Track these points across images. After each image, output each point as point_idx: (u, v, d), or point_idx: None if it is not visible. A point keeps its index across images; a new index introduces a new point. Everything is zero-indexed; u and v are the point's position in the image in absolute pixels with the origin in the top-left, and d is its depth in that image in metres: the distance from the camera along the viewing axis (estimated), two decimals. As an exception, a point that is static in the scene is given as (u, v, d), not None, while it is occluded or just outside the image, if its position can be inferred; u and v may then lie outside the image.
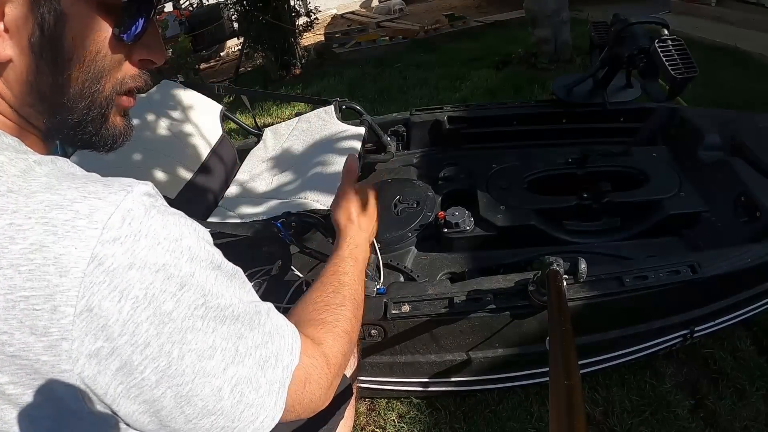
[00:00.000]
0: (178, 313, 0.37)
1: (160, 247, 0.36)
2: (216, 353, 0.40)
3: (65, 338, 0.33)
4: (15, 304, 0.32)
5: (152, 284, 0.36)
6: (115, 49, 0.44)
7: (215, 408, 0.41)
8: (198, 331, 0.39)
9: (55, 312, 0.33)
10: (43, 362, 0.34)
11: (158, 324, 0.36)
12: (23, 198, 0.34)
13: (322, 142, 1.50)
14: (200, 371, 0.39)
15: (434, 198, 1.40)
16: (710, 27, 3.46)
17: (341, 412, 0.75)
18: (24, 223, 0.33)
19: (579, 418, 0.44)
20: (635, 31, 1.41)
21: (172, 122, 1.46)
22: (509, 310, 0.94)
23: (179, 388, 0.39)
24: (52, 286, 0.33)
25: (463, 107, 1.76)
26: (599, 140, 1.59)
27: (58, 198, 0.35)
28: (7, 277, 0.32)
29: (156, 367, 0.37)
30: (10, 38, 0.39)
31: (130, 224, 0.35)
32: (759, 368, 1.10)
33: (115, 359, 0.35)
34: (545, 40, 3.13)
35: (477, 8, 5.98)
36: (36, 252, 0.33)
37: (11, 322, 0.33)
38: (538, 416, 1.07)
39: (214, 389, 0.40)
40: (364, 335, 0.98)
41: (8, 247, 0.33)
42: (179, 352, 0.38)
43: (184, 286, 0.38)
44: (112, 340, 0.35)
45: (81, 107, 0.44)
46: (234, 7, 4.42)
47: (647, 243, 1.24)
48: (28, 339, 0.33)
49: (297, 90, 3.80)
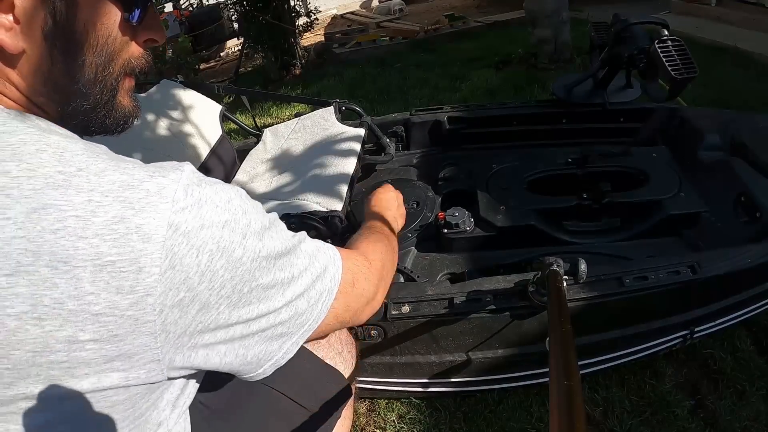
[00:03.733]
0: (246, 257, 0.44)
1: (219, 208, 0.43)
2: (276, 282, 0.48)
3: (150, 294, 0.38)
4: (102, 268, 0.37)
5: (222, 238, 0.42)
6: (123, 31, 0.46)
7: (275, 321, 0.49)
8: (263, 269, 0.46)
9: (141, 273, 0.38)
10: (127, 317, 0.38)
11: (231, 269, 0.43)
12: (95, 177, 0.39)
13: (321, 143, 1.50)
14: (264, 298, 0.47)
15: (434, 198, 1.40)
16: (710, 27, 3.46)
17: (339, 412, 0.75)
18: (102, 200, 0.38)
19: (579, 418, 0.44)
20: (635, 32, 1.41)
21: (172, 122, 1.46)
22: (509, 311, 0.94)
23: (248, 315, 0.46)
24: (137, 251, 0.37)
25: (463, 107, 1.76)
26: (599, 140, 1.59)
27: (128, 178, 0.39)
28: (93, 245, 0.36)
29: (229, 303, 0.44)
30: (22, 30, 0.40)
31: (192, 195, 0.41)
32: (759, 368, 1.10)
33: (196, 304, 0.42)
34: (545, 40, 3.13)
35: (477, 8, 5.98)
36: (118, 223, 0.37)
37: (98, 284, 0.37)
38: (538, 416, 1.07)
39: (275, 310, 0.48)
40: (364, 335, 0.98)
41: (91, 219, 0.37)
42: (249, 288, 0.45)
43: (246, 235, 0.45)
44: (192, 289, 0.41)
45: (95, 92, 0.46)
46: (234, 8, 4.43)
47: (647, 243, 1.23)
48: (114, 298, 0.37)
49: (297, 90, 3.80)
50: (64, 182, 0.37)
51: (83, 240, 0.36)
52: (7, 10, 0.39)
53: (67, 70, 0.44)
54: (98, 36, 0.44)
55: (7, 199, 0.36)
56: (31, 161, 0.38)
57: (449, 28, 4.82)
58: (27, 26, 0.40)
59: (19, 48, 0.41)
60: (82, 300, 0.37)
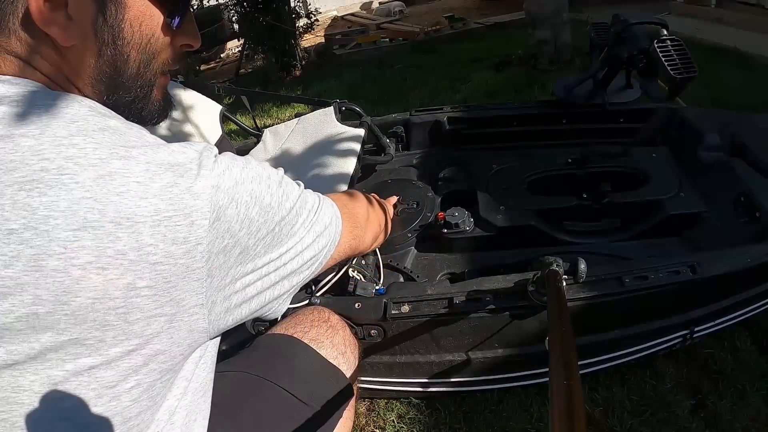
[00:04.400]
0: (275, 203, 0.54)
1: (244, 169, 0.50)
2: (299, 219, 0.59)
3: (200, 243, 0.45)
4: (160, 222, 0.42)
5: (253, 190, 0.50)
6: (164, 33, 0.52)
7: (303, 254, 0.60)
8: (287, 209, 0.56)
9: (193, 225, 0.44)
10: (180, 264, 0.44)
11: (264, 213, 0.52)
12: (151, 151, 0.45)
13: (321, 143, 1.50)
14: (293, 234, 0.58)
15: (434, 198, 1.40)
16: (710, 28, 3.46)
17: (341, 411, 0.75)
18: (158, 170, 0.43)
19: (579, 418, 0.44)
20: (635, 32, 1.41)
21: (172, 122, 1.46)
22: (509, 311, 0.94)
23: (281, 249, 0.56)
24: (189, 207, 0.44)
25: (463, 108, 1.76)
26: (599, 140, 1.59)
27: (175, 155, 0.46)
28: (152, 204, 0.42)
29: (265, 243, 0.53)
30: (76, 25, 0.45)
31: (219, 163, 0.48)
32: (759, 368, 1.10)
33: (237, 247, 0.49)
34: (545, 41, 3.13)
35: (477, 10, 5.98)
36: (173, 187, 0.43)
37: (156, 236, 0.42)
38: (538, 416, 1.07)
39: (299, 240, 0.59)
40: (364, 335, 0.98)
41: (150, 184, 0.42)
42: (279, 228, 0.55)
43: (270, 186, 0.53)
44: (234, 235, 0.48)
45: (136, 86, 0.52)
46: (234, 9, 4.43)
47: (647, 243, 1.23)
48: (170, 248, 0.43)
49: (297, 91, 3.80)
50: (126, 154, 0.43)
51: (144, 200, 0.42)
52: (60, 7, 0.44)
53: (113, 64, 0.49)
54: (143, 35, 0.50)
55: (76, 167, 0.40)
56: (96, 137, 0.43)
57: (449, 30, 4.83)
58: (79, 22, 0.45)
59: (70, 42, 0.45)
60: (141, 251, 0.41)
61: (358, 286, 1.03)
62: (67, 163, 0.40)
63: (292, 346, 0.75)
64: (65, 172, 0.40)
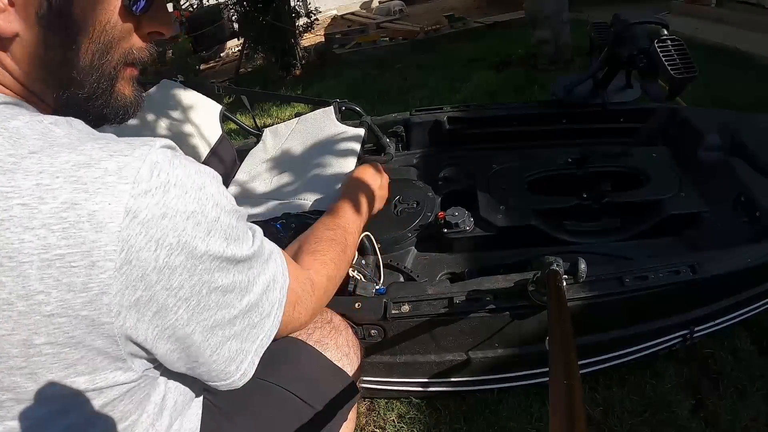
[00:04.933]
0: (208, 256, 0.40)
1: (188, 195, 0.38)
2: (235, 286, 0.44)
3: (105, 292, 0.34)
4: (50, 263, 0.33)
5: (184, 231, 0.37)
6: (124, 19, 0.43)
7: (232, 334, 0.45)
8: (223, 270, 0.42)
9: (94, 267, 0.34)
10: (82, 318, 0.34)
11: (191, 267, 0.39)
12: (47, 158, 0.34)
13: (321, 143, 1.50)
14: (223, 304, 0.43)
15: (434, 198, 1.40)
16: (710, 28, 3.46)
17: (346, 412, 0.75)
18: (52, 183, 0.33)
19: (579, 418, 0.44)
20: (635, 32, 1.41)
21: (172, 122, 1.46)
22: (509, 310, 0.94)
23: (206, 322, 0.42)
24: (88, 243, 0.33)
25: (463, 108, 1.75)
26: (599, 140, 1.59)
27: (83, 158, 0.35)
28: (40, 237, 0.32)
29: (188, 306, 0.40)
30: (16, 12, 0.38)
31: (159, 176, 0.36)
32: (759, 368, 1.10)
33: (153, 305, 0.38)
34: (545, 41, 3.13)
35: (477, 9, 5.98)
36: (68, 210, 0.33)
37: (47, 281, 0.33)
38: (538, 416, 1.07)
39: (232, 318, 0.45)
40: (364, 335, 0.98)
41: (38, 207, 0.33)
42: (207, 290, 0.41)
43: (211, 231, 0.40)
44: (149, 288, 0.37)
45: (91, 80, 0.44)
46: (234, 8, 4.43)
47: (647, 243, 1.23)
48: (65, 296, 0.34)
49: (297, 91, 3.80)
50: (13, 166, 0.34)
51: (29, 231, 0.32)
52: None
53: (63, 56, 0.41)
54: (96, 21, 0.42)
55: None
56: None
57: (449, 29, 4.83)
58: (22, 8, 0.38)
59: (12, 31, 0.39)
60: (31, 300, 0.33)
61: (358, 286, 1.03)
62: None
63: (296, 348, 0.74)
64: None
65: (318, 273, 0.65)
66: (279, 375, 0.69)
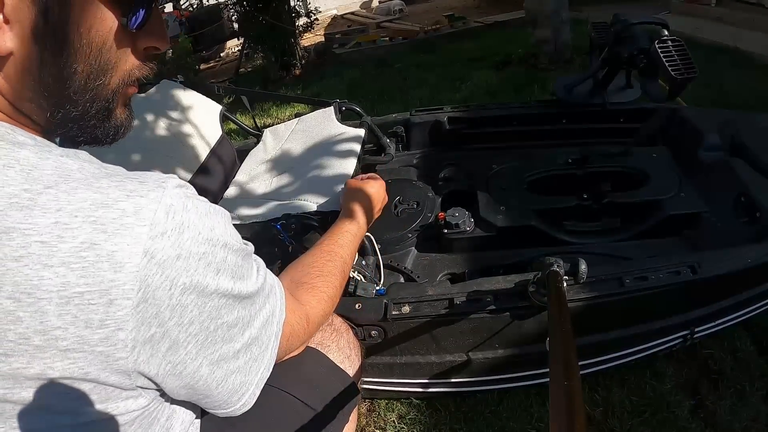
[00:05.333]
0: (216, 294, 0.42)
1: (201, 236, 0.40)
2: (239, 321, 0.46)
3: (121, 329, 0.36)
4: (69, 300, 0.34)
5: (196, 271, 0.39)
6: (120, 40, 0.43)
7: (236, 367, 0.47)
8: (229, 307, 0.44)
9: (111, 305, 0.35)
10: (98, 353, 0.36)
11: (201, 305, 0.41)
12: (64, 195, 0.35)
13: (321, 143, 1.50)
14: (228, 338, 0.45)
15: (434, 199, 1.40)
16: (710, 27, 3.46)
17: (347, 414, 0.75)
18: (71, 222, 0.34)
19: (579, 418, 0.44)
20: (635, 32, 1.41)
21: (172, 122, 1.46)
22: (509, 311, 0.94)
23: (212, 356, 0.44)
24: (107, 282, 0.35)
25: (463, 108, 1.76)
26: (599, 140, 1.59)
27: (101, 197, 0.36)
28: (59, 275, 0.33)
29: (196, 341, 0.42)
30: (11, 29, 0.38)
31: (173, 218, 0.38)
32: (759, 368, 1.10)
33: (166, 341, 0.39)
34: (545, 40, 3.13)
35: (477, 9, 5.98)
36: (88, 250, 0.34)
37: (65, 317, 0.34)
38: (539, 417, 1.07)
39: (236, 352, 0.47)
40: (365, 336, 0.98)
41: (57, 245, 0.34)
42: (215, 326, 0.43)
43: (220, 271, 0.42)
44: (163, 325, 0.38)
45: (84, 100, 0.43)
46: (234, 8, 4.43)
47: (647, 243, 1.23)
48: (82, 332, 0.35)
49: (297, 91, 3.80)
50: (29, 202, 0.34)
51: (48, 269, 0.33)
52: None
53: (58, 75, 0.41)
54: (91, 43, 0.41)
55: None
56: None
57: (449, 29, 4.83)
58: (16, 26, 0.38)
59: (6, 49, 0.38)
60: (48, 335, 0.34)
61: (359, 287, 1.03)
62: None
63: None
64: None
65: (314, 309, 0.67)
66: (280, 377, 0.69)
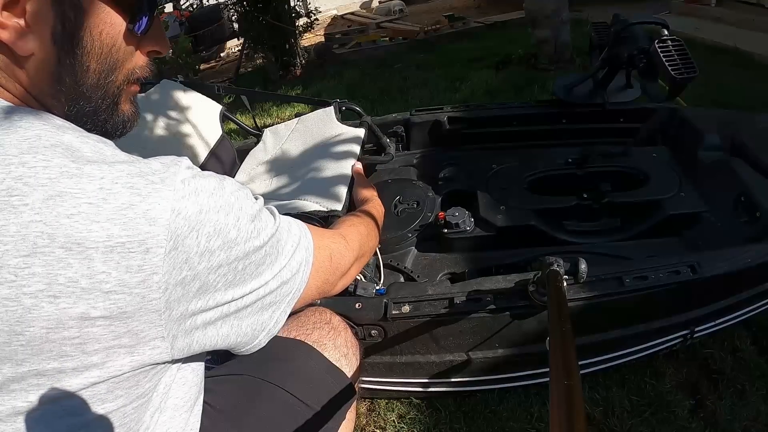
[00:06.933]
0: (240, 238, 0.49)
1: (214, 194, 0.47)
2: (266, 257, 0.54)
3: (156, 272, 0.42)
4: (112, 249, 0.40)
5: (218, 221, 0.47)
6: (128, 42, 0.50)
7: (265, 293, 0.55)
8: (255, 248, 0.51)
9: (148, 253, 0.41)
10: (135, 294, 0.41)
11: (227, 249, 0.48)
12: (106, 166, 0.42)
13: (321, 143, 1.50)
14: (256, 274, 0.53)
15: (434, 198, 1.40)
16: (710, 27, 3.46)
17: (344, 413, 0.75)
18: (112, 188, 0.41)
19: (579, 418, 0.44)
20: (635, 32, 1.41)
21: (172, 122, 1.46)
22: (509, 311, 0.94)
23: (242, 291, 0.51)
24: (144, 233, 0.41)
25: (463, 107, 1.76)
26: (599, 140, 1.59)
27: (135, 169, 0.43)
28: (105, 229, 0.40)
29: (226, 281, 0.49)
30: (32, 33, 0.43)
31: (189, 185, 0.45)
32: (759, 368, 1.10)
33: (196, 282, 0.46)
34: (545, 40, 3.13)
35: (477, 9, 5.98)
36: (127, 209, 0.41)
37: (109, 263, 0.40)
38: (539, 416, 1.07)
39: (265, 283, 0.54)
40: (365, 335, 0.98)
41: (103, 206, 0.40)
42: (243, 265, 0.50)
43: (239, 218, 0.49)
44: (193, 268, 0.45)
45: (96, 96, 0.50)
46: (234, 8, 4.43)
47: (647, 243, 1.23)
48: (123, 276, 0.41)
49: (297, 91, 3.80)
50: (77, 171, 0.41)
51: (96, 224, 0.40)
52: (18, 15, 0.42)
53: (74, 73, 0.47)
54: (102, 44, 0.47)
55: (25, 187, 0.39)
56: (47, 154, 0.41)
57: (449, 29, 4.83)
58: (37, 30, 0.43)
59: (28, 50, 0.44)
60: (94, 278, 0.40)
61: (359, 286, 1.03)
62: (17, 184, 0.39)
63: (295, 349, 0.75)
64: (14, 193, 0.38)
65: (348, 233, 0.78)
66: (277, 375, 0.70)
